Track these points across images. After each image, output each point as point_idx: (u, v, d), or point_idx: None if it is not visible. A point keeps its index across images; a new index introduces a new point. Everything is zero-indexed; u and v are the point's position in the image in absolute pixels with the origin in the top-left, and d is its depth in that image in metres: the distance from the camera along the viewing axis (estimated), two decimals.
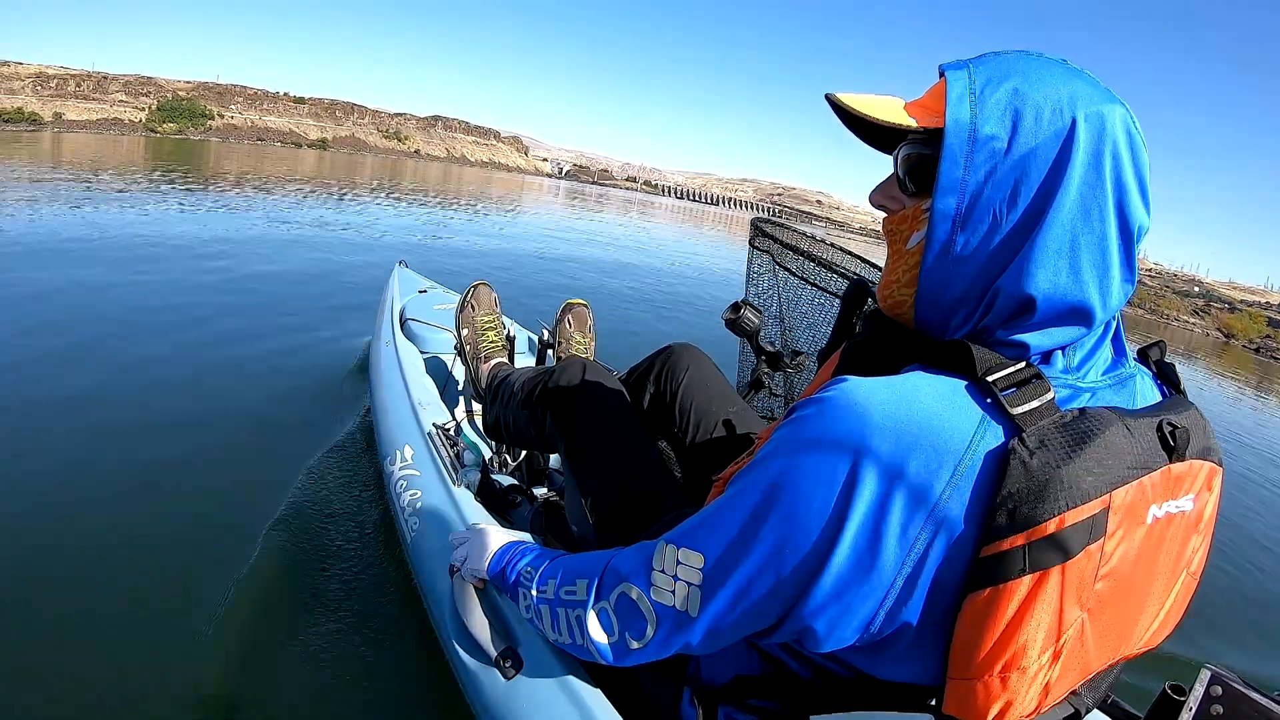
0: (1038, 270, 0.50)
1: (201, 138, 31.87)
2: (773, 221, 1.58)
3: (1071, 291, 0.50)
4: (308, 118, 41.32)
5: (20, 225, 4.74)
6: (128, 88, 33.84)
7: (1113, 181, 0.50)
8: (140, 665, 1.20)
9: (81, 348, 2.57)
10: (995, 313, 0.52)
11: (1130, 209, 0.50)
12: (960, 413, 0.48)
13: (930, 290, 0.55)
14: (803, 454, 0.51)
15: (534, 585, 0.76)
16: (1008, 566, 0.45)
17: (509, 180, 34.34)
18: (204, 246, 4.83)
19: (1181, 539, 0.54)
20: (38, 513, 1.57)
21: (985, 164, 0.51)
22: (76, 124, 28.62)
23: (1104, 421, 0.48)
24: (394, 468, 1.36)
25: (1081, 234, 0.50)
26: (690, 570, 0.58)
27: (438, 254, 6.24)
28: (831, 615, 0.51)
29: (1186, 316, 32.49)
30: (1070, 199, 0.49)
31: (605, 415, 1.03)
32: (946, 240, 0.53)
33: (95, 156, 12.50)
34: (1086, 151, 0.49)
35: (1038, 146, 0.50)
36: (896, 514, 0.47)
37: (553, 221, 12.47)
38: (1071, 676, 0.51)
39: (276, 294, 3.81)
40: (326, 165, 21.44)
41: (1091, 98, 0.50)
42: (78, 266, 3.73)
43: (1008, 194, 0.50)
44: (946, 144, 0.52)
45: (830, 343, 0.85)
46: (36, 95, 29.69)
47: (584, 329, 1.55)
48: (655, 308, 5.38)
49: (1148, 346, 0.63)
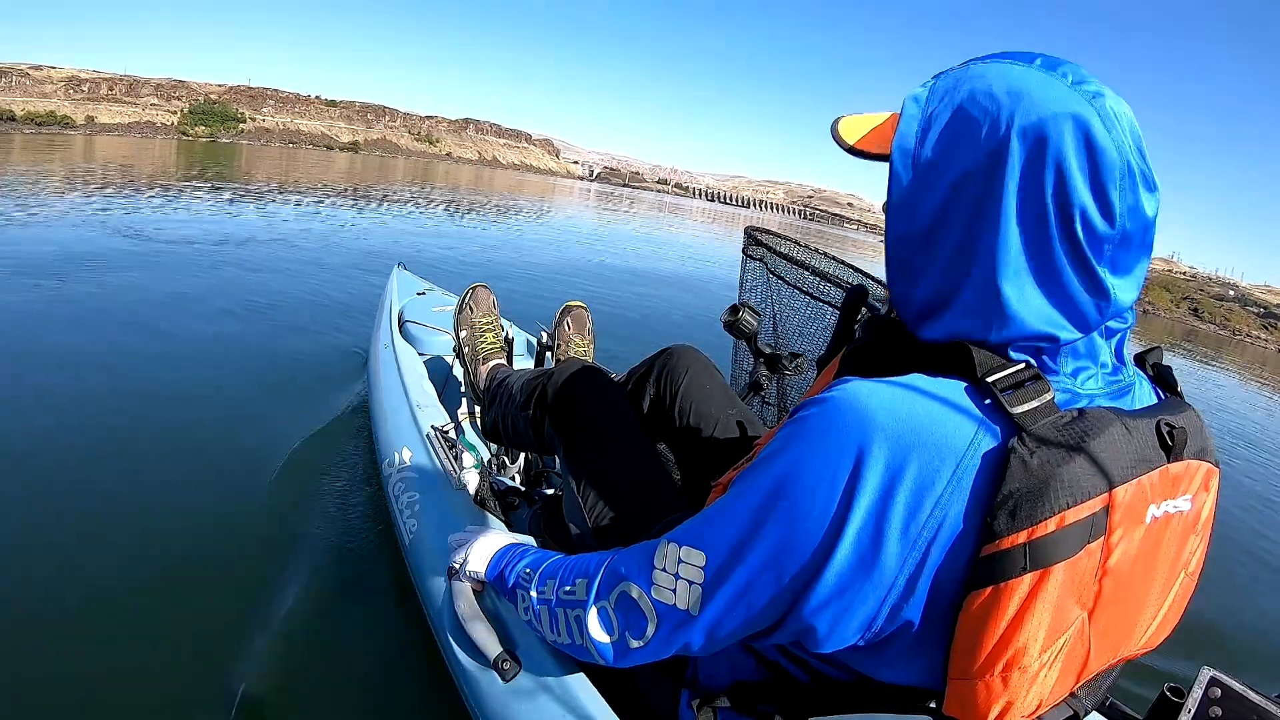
0: (997, 285, 0.50)
1: (232, 141, 32.02)
2: (766, 230, 1.59)
3: (1030, 311, 0.51)
4: (339, 120, 41.56)
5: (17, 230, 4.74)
6: (159, 91, 34.12)
7: (1055, 196, 0.48)
8: (134, 666, 1.19)
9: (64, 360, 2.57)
10: (969, 321, 0.53)
11: (1090, 219, 0.49)
12: (960, 413, 0.49)
13: (899, 300, 0.57)
14: (806, 453, 0.51)
15: (533, 587, 0.76)
16: (1009, 565, 0.46)
17: (540, 183, 34.42)
18: (207, 245, 4.83)
19: (1180, 539, 0.55)
20: (39, 508, 1.57)
21: (928, 189, 0.52)
22: (108, 127, 28.82)
23: (1103, 421, 0.49)
24: (392, 470, 1.36)
25: (1032, 251, 0.50)
26: (692, 569, 0.58)
27: (438, 256, 6.24)
28: (833, 614, 0.51)
29: (1257, 332, 30.24)
30: (1008, 217, 0.49)
31: (604, 418, 1.03)
32: (903, 259, 0.55)
33: (126, 160, 12.52)
34: (1019, 169, 0.49)
35: (973, 169, 0.50)
36: (898, 512, 0.48)
37: (575, 225, 12.43)
38: (1071, 676, 0.51)
39: (279, 294, 3.81)
40: (358, 168, 21.51)
41: (1039, 109, 0.49)
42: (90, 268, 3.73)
43: (950, 217, 0.52)
44: (892, 169, 0.54)
45: (829, 349, 0.85)
46: (69, 99, 29.89)
47: (583, 331, 1.55)
48: (654, 310, 5.39)
49: (1145, 352, 0.63)
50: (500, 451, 1.60)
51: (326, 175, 15.93)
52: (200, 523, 1.62)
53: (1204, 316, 30.99)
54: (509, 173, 42.03)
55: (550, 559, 0.79)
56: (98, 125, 28.58)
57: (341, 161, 24.75)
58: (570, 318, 1.55)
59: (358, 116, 43.08)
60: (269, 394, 2.42)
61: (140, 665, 1.20)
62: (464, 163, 44.78)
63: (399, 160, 36.04)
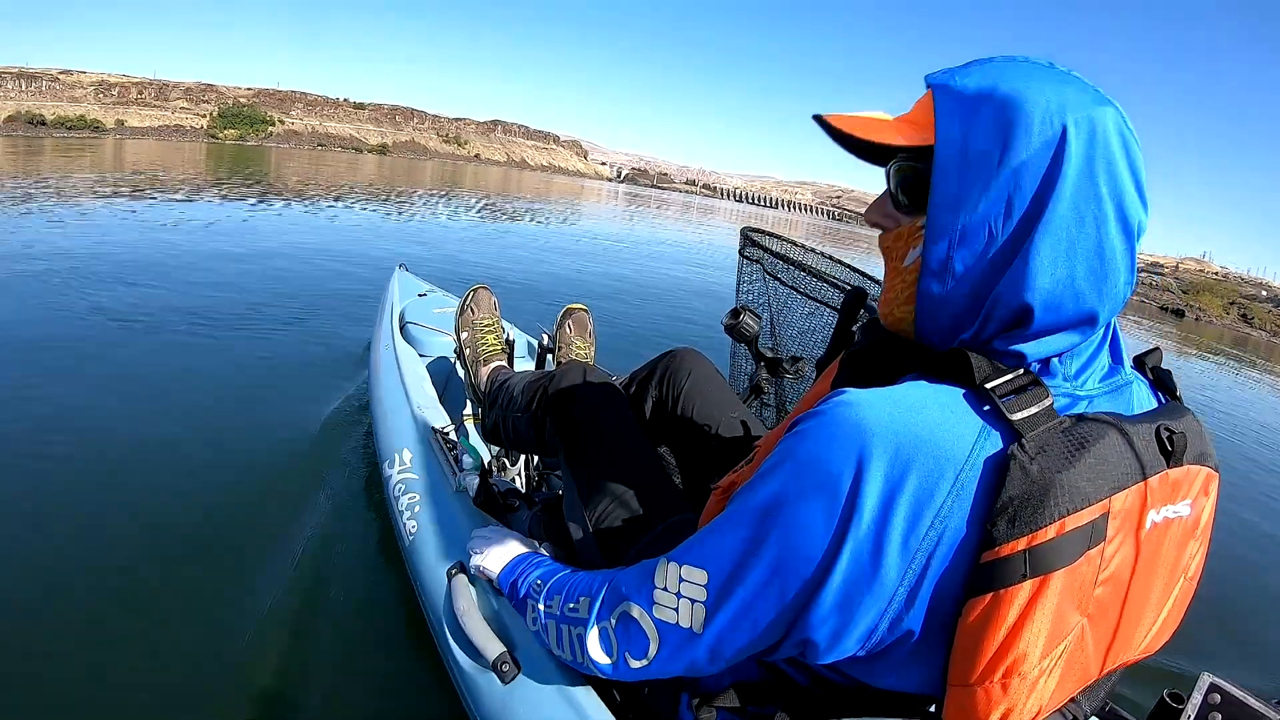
0: (1036, 280, 0.49)
1: (260, 144, 32.21)
2: (763, 231, 1.59)
3: (1070, 299, 0.50)
4: (368, 123, 41.81)
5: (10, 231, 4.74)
6: (189, 94, 34.47)
7: (1108, 185, 0.49)
8: (133, 664, 1.19)
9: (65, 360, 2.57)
10: (994, 323, 0.52)
11: (1129, 209, 0.50)
12: (960, 421, 0.49)
13: (929, 307, 0.55)
14: (804, 467, 0.51)
15: (541, 599, 0.76)
16: (1009, 572, 0.45)
17: (567, 185, 34.38)
18: (217, 244, 4.83)
19: (1179, 544, 0.55)
20: (41, 498, 1.58)
21: (978, 179, 0.50)
22: (138, 130, 29.15)
23: (1103, 427, 0.49)
24: (393, 471, 1.36)
25: (1079, 240, 0.49)
26: (694, 587, 0.57)
27: (440, 257, 6.24)
28: (834, 627, 0.51)
29: None
30: (1065, 206, 0.49)
31: (605, 421, 1.03)
32: (943, 258, 0.52)
33: (155, 164, 12.54)
34: (1079, 158, 0.49)
35: (1029, 158, 0.49)
36: (899, 525, 0.47)
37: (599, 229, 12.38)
38: (1071, 683, 0.51)
39: (280, 294, 3.81)
40: (385, 171, 21.53)
41: (1080, 102, 0.49)
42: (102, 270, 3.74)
43: (1002, 208, 0.50)
44: (938, 162, 0.52)
45: (828, 351, 0.85)
46: (99, 103, 30.22)
47: (584, 334, 1.55)
48: (656, 312, 5.38)
49: (1145, 354, 0.63)
50: (501, 453, 1.60)
51: (354, 177, 15.96)
52: (200, 521, 1.62)
53: (1254, 323, 29.90)
54: (537, 174, 42.01)
55: (559, 573, 0.79)
56: (127, 129, 28.88)
57: (370, 164, 24.85)
58: (572, 320, 1.56)
59: (386, 119, 43.29)
60: (268, 394, 2.42)
61: (139, 663, 1.20)
62: (492, 164, 44.85)
63: (427, 162, 36.14)
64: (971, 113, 0.51)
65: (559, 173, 50.49)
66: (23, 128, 24.61)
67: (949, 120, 0.52)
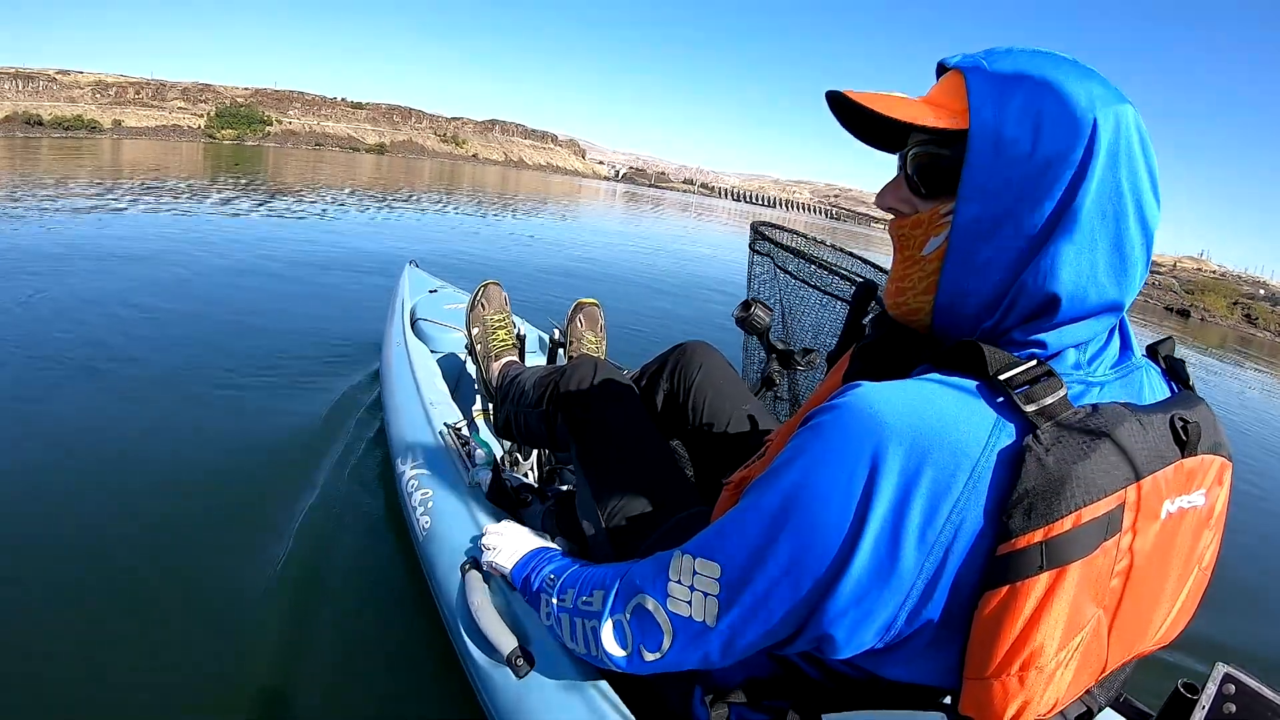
0: (1061, 271, 0.50)
1: (258, 144, 32.30)
2: (772, 225, 1.58)
3: (1094, 289, 0.50)
4: (365, 123, 41.83)
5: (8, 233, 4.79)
6: (186, 94, 34.58)
7: (1129, 180, 0.49)
8: (143, 658, 1.21)
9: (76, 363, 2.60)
10: (1016, 313, 0.52)
11: (1146, 206, 0.50)
12: (975, 413, 0.48)
13: (952, 297, 0.54)
14: (819, 461, 0.51)
15: (554, 594, 0.77)
16: (1025, 564, 0.45)
17: (565, 184, 34.28)
18: (223, 242, 4.86)
19: (1194, 534, 0.54)
20: (44, 493, 1.60)
21: (1009, 168, 0.50)
22: (135, 130, 29.19)
23: (1117, 417, 0.48)
24: (405, 467, 1.37)
25: (1100, 234, 0.49)
26: (707, 580, 0.58)
27: (450, 254, 6.25)
28: (851, 621, 0.51)
29: None
30: (1091, 199, 0.49)
31: (617, 415, 1.03)
32: (970, 247, 0.52)
33: (154, 164, 12.59)
34: (1106, 152, 0.49)
35: (1061, 149, 0.49)
36: (915, 518, 0.47)
37: (598, 226, 12.34)
38: (1087, 675, 0.51)
39: (292, 291, 3.84)
40: (384, 170, 21.54)
41: (1106, 98, 0.50)
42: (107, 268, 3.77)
43: (1033, 197, 0.50)
44: (972, 148, 0.51)
45: (839, 345, 0.85)
46: (96, 103, 30.36)
47: (595, 328, 1.56)
48: (667, 306, 5.38)
49: (1157, 343, 0.63)
50: (513, 448, 1.61)
51: (353, 177, 15.95)
52: (212, 516, 1.64)
53: (1259, 323, 29.38)
54: (535, 174, 41.97)
55: (572, 568, 0.79)
56: (124, 129, 28.96)
57: (368, 163, 24.81)
58: (583, 314, 1.56)
59: (384, 118, 43.31)
60: (279, 392, 2.44)
61: (150, 658, 1.21)
62: (490, 164, 44.77)
63: (425, 162, 36.13)
64: (1005, 98, 0.50)
65: (557, 172, 50.45)
66: (20, 128, 24.77)
67: (983, 105, 0.51)
